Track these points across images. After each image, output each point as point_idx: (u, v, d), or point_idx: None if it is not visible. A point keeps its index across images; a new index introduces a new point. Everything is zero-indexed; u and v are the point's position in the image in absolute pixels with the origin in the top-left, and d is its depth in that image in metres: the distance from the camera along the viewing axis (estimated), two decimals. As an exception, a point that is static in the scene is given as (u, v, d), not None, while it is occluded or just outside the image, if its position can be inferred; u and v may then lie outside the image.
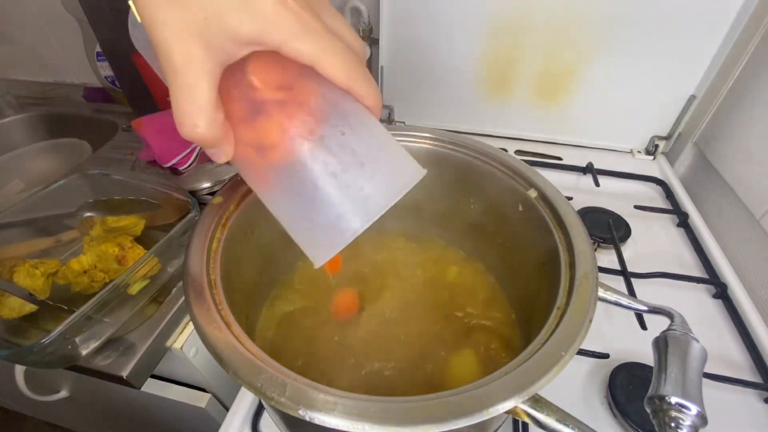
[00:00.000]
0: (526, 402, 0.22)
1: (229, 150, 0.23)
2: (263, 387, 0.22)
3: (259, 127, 0.23)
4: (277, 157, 0.23)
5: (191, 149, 0.63)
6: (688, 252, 0.55)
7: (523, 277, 0.38)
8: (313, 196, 0.22)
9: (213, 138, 0.21)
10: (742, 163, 0.57)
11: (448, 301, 0.41)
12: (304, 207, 0.23)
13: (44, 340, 0.34)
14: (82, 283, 0.45)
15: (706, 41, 0.60)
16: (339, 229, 0.22)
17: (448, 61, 0.70)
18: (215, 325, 0.25)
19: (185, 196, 0.50)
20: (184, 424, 0.57)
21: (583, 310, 0.26)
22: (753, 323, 0.45)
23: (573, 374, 0.41)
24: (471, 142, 0.41)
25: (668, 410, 0.24)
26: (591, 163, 0.68)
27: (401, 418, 0.21)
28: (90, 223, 0.51)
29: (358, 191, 0.22)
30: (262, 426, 0.38)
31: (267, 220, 0.38)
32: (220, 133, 0.22)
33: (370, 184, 0.23)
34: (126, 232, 0.50)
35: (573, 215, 0.33)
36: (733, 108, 0.60)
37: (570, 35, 0.63)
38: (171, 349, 0.46)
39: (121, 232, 0.50)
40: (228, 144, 0.23)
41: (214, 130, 0.21)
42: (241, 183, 0.36)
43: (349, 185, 0.22)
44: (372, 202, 0.22)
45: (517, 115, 0.73)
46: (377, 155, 0.24)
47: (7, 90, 0.87)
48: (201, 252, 0.30)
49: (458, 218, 0.45)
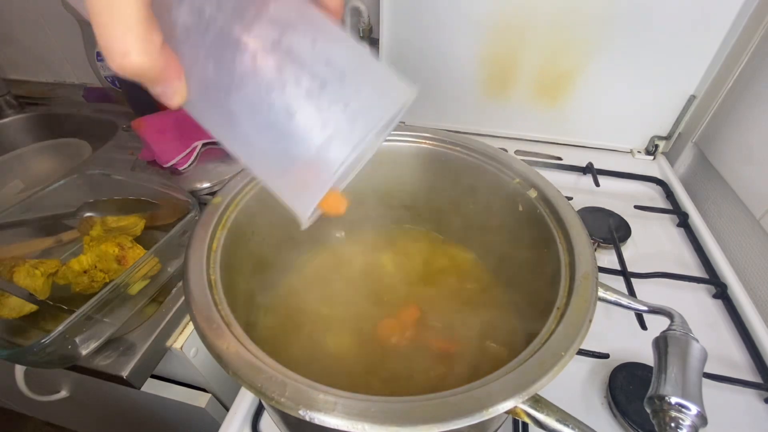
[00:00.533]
0: (526, 402, 0.22)
1: (179, 86, 0.19)
2: (263, 387, 0.22)
3: (211, 47, 0.18)
4: (238, 83, 0.19)
5: (191, 149, 0.63)
6: (688, 252, 0.55)
7: (523, 277, 0.38)
8: (288, 126, 0.18)
9: (151, 67, 0.17)
10: (742, 163, 0.57)
11: (447, 299, 0.41)
12: (279, 142, 0.19)
13: (44, 339, 0.34)
14: (82, 283, 0.45)
15: (706, 41, 0.60)
16: (325, 161, 0.18)
17: (448, 61, 0.70)
18: (215, 326, 0.25)
19: (185, 196, 0.50)
20: (184, 424, 0.57)
21: (583, 310, 0.26)
22: (753, 323, 0.45)
23: (573, 374, 0.41)
24: (471, 142, 0.41)
25: (668, 410, 0.24)
26: (591, 163, 0.68)
27: (401, 418, 0.21)
28: (90, 223, 0.51)
29: (342, 110, 0.18)
30: (262, 426, 0.38)
31: (267, 220, 0.39)
32: (161, 62, 0.17)
33: (355, 99, 0.18)
34: (126, 232, 0.50)
35: (573, 215, 0.33)
36: (733, 108, 0.60)
37: (570, 35, 0.63)
38: (171, 349, 0.46)
39: (121, 232, 0.50)
40: (176, 78, 0.18)
41: (151, 57, 0.17)
42: (241, 183, 0.36)
43: (330, 104, 0.18)
44: (360, 121, 0.18)
45: (517, 115, 0.73)
46: (358, 65, 0.19)
47: (7, 90, 0.87)
48: (201, 252, 0.30)
49: (458, 218, 0.45)
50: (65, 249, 0.52)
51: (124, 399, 0.58)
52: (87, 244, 0.48)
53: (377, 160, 0.43)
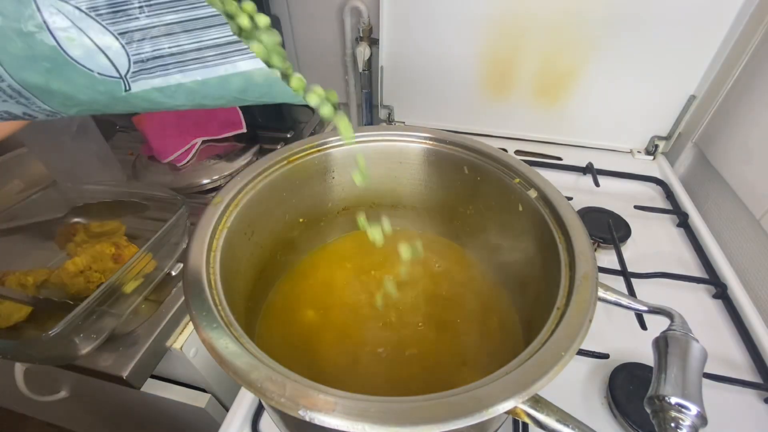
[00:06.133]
0: (526, 402, 0.22)
1: None
2: (263, 387, 0.22)
3: None
4: None
5: (190, 146, 0.63)
6: (688, 252, 0.55)
7: (523, 277, 0.38)
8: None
9: None
10: (742, 163, 0.57)
11: (447, 300, 0.41)
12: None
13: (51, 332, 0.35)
14: (77, 285, 0.45)
15: (706, 41, 0.60)
16: None
17: (448, 61, 0.70)
18: (215, 326, 0.25)
19: (171, 194, 0.50)
20: (184, 424, 0.57)
21: (583, 310, 0.26)
22: (753, 323, 0.45)
23: (573, 374, 0.41)
24: (471, 142, 0.41)
25: (668, 410, 0.24)
26: (591, 163, 0.68)
27: (401, 418, 0.21)
28: (72, 230, 0.52)
29: None
30: (262, 426, 0.38)
31: (267, 220, 0.39)
32: None
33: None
34: (109, 237, 0.51)
35: (573, 215, 0.33)
36: (733, 108, 0.60)
37: (570, 35, 0.63)
38: (171, 349, 0.46)
39: (105, 238, 0.50)
40: None
41: None
42: (241, 183, 0.36)
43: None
44: None
45: (517, 115, 0.73)
46: None
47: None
48: (201, 252, 0.30)
49: (458, 218, 0.45)
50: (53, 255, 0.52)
51: (124, 399, 0.58)
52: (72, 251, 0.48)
53: (376, 160, 0.43)
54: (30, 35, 0.16)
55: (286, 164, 0.39)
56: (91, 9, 0.16)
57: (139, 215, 0.53)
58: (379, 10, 0.67)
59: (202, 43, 0.18)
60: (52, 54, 0.16)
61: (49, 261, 0.51)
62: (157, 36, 0.17)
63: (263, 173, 0.37)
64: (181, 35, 0.17)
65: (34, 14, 0.15)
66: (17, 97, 0.18)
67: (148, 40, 0.17)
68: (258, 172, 0.37)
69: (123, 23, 0.16)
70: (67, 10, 0.16)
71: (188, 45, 0.18)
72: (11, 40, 0.16)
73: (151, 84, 0.18)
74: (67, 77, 0.17)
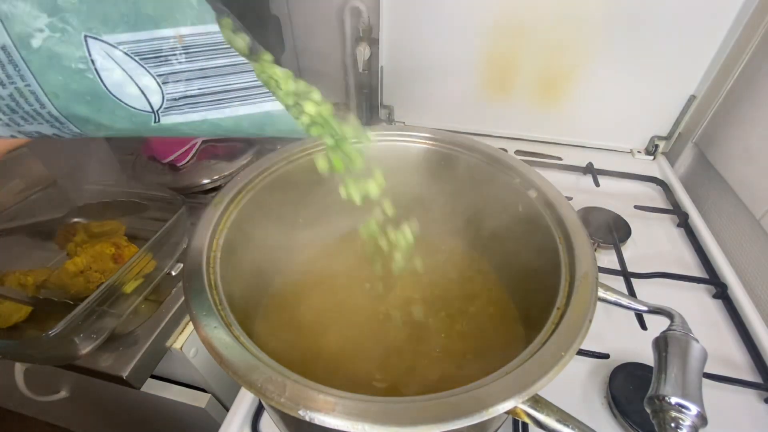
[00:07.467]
0: (526, 402, 0.22)
1: None
2: (263, 387, 0.22)
3: None
4: None
5: (190, 146, 0.63)
6: (688, 252, 0.55)
7: (523, 277, 0.38)
8: None
9: None
10: (742, 163, 0.57)
11: (446, 299, 0.41)
12: None
13: (51, 332, 0.35)
14: (77, 285, 0.45)
15: (706, 41, 0.60)
16: None
17: (448, 61, 0.70)
18: (215, 326, 0.25)
19: (171, 194, 0.50)
20: (184, 424, 0.57)
21: (583, 310, 0.26)
22: (753, 323, 0.45)
23: (573, 374, 0.41)
24: (471, 142, 0.41)
25: (668, 410, 0.24)
26: (591, 163, 0.68)
27: (401, 418, 0.21)
28: (72, 230, 0.52)
29: None
30: (262, 426, 0.38)
31: (267, 220, 0.39)
32: None
33: None
34: (109, 237, 0.51)
35: (573, 215, 0.33)
36: (733, 108, 0.60)
37: (570, 36, 0.63)
38: (171, 349, 0.46)
39: (105, 238, 0.50)
40: None
41: None
42: (241, 183, 0.36)
43: None
44: None
45: (517, 115, 0.73)
46: None
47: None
48: (201, 252, 0.30)
49: (458, 218, 0.45)
50: (54, 256, 0.52)
51: (124, 399, 0.58)
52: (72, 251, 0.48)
53: (376, 160, 0.43)
54: (78, 72, 0.18)
55: (286, 164, 0.39)
56: (135, 54, 0.18)
57: (139, 215, 0.54)
58: (379, 10, 0.67)
59: (230, 86, 0.20)
60: (95, 88, 0.18)
61: (49, 261, 0.51)
62: (191, 78, 0.19)
63: (263, 173, 0.37)
64: (212, 78, 0.20)
65: (85, 56, 0.17)
66: (53, 121, 0.19)
67: (182, 82, 0.19)
68: (258, 172, 0.37)
69: (163, 67, 0.19)
70: (115, 54, 0.18)
71: (216, 87, 0.20)
72: (59, 75, 0.17)
73: (180, 119, 0.20)
74: (107, 110, 0.19)
